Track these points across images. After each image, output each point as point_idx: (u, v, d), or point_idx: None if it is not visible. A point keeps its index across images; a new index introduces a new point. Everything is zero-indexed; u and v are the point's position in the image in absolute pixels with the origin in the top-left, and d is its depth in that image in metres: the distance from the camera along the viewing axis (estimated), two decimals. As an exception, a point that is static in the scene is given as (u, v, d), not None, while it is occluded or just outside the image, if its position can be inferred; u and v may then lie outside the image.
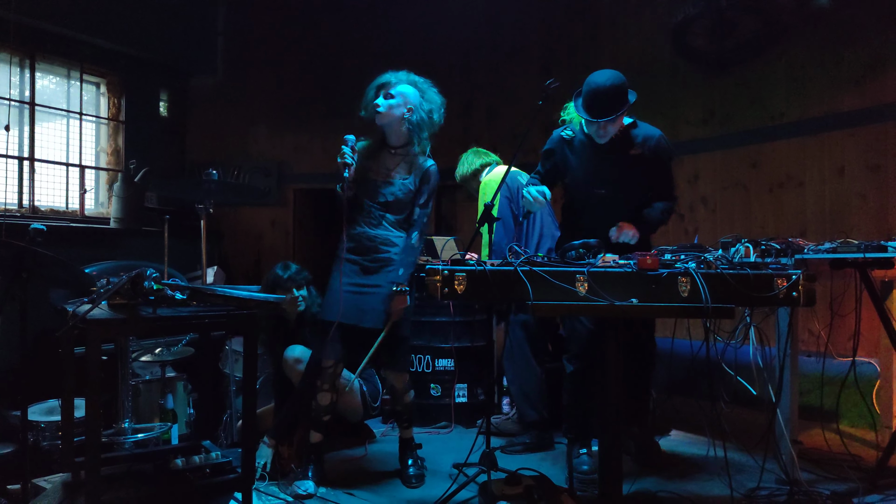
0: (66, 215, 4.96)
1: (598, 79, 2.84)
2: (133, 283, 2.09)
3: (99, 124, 5.29)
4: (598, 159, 3.03)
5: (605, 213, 2.99)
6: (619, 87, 2.83)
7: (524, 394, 3.67)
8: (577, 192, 3.12)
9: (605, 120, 2.85)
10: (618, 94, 2.82)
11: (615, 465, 2.36)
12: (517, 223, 3.73)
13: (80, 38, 4.91)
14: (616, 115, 2.85)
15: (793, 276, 2.30)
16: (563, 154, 3.13)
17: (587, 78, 2.89)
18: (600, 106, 2.82)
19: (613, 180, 3.03)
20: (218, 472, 2.31)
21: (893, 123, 4.02)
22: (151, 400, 3.27)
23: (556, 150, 3.15)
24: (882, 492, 2.77)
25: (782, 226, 4.46)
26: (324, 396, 2.98)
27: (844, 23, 4.23)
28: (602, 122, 2.86)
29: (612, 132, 2.96)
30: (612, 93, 2.81)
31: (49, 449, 2.91)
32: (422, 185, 3.01)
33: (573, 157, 3.10)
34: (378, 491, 2.96)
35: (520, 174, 3.86)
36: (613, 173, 3.03)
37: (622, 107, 2.84)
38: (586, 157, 3.05)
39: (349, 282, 2.94)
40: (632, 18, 5.41)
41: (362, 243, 2.97)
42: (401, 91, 2.99)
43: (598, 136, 2.96)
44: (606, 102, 2.81)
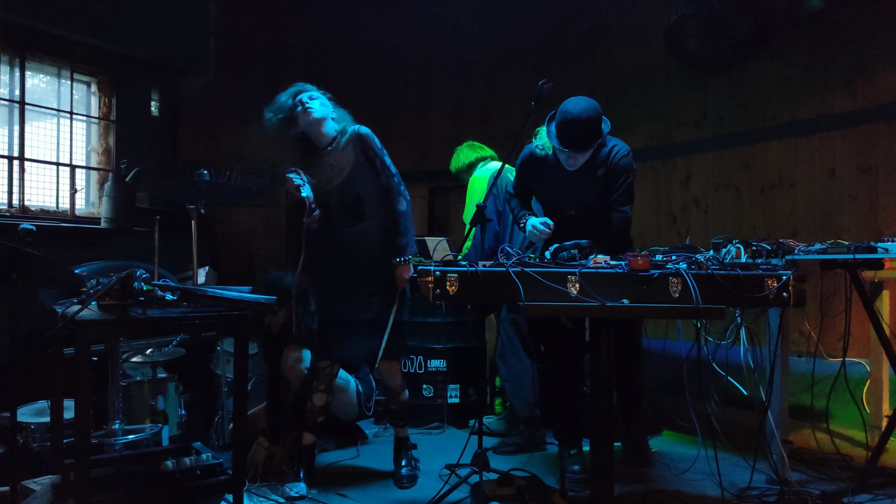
0: (56, 215, 4.93)
1: (574, 109, 2.80)
2: (123, 284, 2.08)
3: (90, 123, 5.26)
4: (568, 182, 3.01)
5: (576, 232, 2.89)
6: (595, 119, 2.81)
7: (517, 391, 3.68)
8: (549, 211, 3.13)
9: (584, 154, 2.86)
10: (593, 127, 2.81)
11: (606, 466, 2.36)
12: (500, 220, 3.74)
13: (71, 36, 4.88)
14: (590, 148, 2.85)
15: (783, 277, 2.32)
16: (534, 170, 3.11)
17: (562, 105, 2.86)
18: (575, 137, 2.80)
19: (582, 202, 3.03)
20: (208, 474, 2.30)
21: (884, 125, 4.05)
22: (142, 401, 3.26)
23: (529, 164, 3.13)
24: (871, 491, 2.79)
25: (773, 227, 4.48)
26: (319, 397, 2.97)
27: (835, 25, 4.25)
28: (573, 154, 2.86)
29: (581, 161, 2.93)
30: (587, 125, 2.79)
31: (39, 450, 2.89)
32: (365, 153, 2.91)
33: (544, 175, 3.08)
34: (370, 492, 2.95)
35: (508, 171, 3.86)
36: (583, 196, 3.03)
37: (596, 140, 2.84)
38: (557, 178, 3.03)
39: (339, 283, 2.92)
40: (625, 19, 5.42)
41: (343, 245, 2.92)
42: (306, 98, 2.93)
43: (569, 164, 2.94)
44: (581, 134, 2.80)
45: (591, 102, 2.82)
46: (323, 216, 2.90)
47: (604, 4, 5.56)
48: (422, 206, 6.43)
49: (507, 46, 6.14)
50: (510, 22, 6.10)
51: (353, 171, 2.92)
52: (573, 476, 3.00)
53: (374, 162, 2.93)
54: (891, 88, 4.03)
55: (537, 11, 5.99)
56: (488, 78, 6.20)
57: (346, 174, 2.92)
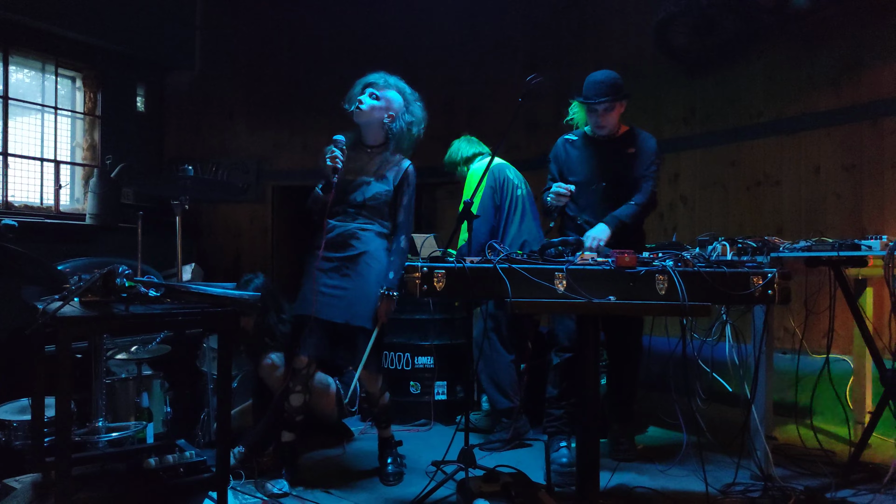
0: (40, 211, 4.88)
1: (597, 74, 3.16)
2: (105, 280, 2.06)
3: (75, 119, 5.21)
4: (599, 154, 3.25)
5: (605, 205, 3.16)
6: (616, 79, 3.13)
7: (494, 382, 3.68)
8: (578, 188, 3.20)
9: (603, 102, 3.09)
10: (614, 83, 3.11)
11: (592, 461, 2.37)
12: (497, 215, 3.73)
13: (56, 31, 4.83)
14: (612, 98, 3.09)
15: (768, 275, 2.33)
16: (565, 153, 3.34)
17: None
18: (599, 90, 3.10)
19: (612, 174, 3.22)
20: (192, 472, 2.28)
21: (868, 123, 4.08)
22: (127, 398, 3.23)
23: (559, 151, 3.36)
24: (854, 486, 2.81)
25: (759, 224, 4.51)
26: (296, 397, 2.96)
27: (821, 24, 4.28)
28: (600, 109, 3.12)
29: (611, 124, 3.20)
30: (608, 82, 3.11)
31: (21, 449, 2.86)
32: (402, 185, 3.02)
33: (575, 153, 3.31)
34: (356, 489, 2.95)
35: (507, 167, 3.86)
36: (612, 168, 3.22)
37: (618, 93, 3.11)
38: (587, 153, 3.28)
39: (328, 281, 2.90)
40: (615, 16, 5.43)
41: (337, 239, 2.93)
42: (387, 96, 3.02)
43: (597, 126, 3.20)
44: (603, 88, 3.10)
45: (610, 71, 3.17)
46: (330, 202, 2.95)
47: (593, 1, 5.56)
48: (411, 203, 6.42)
49: (496, 42, 6.13)
50: (499, 18, 6.10)
51: (378, 182, 2.98)
52: (560, 468, 3.00)
53: (401, 194, 3.03)
54: (875, 87, 4.06)
55: (527, 7, 5.99)
56: (477, 74, 6.19)
57: (370, 180, 2.99)
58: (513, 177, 3.81)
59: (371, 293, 2.88)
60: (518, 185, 3.79)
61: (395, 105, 3.02)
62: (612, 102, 3.12)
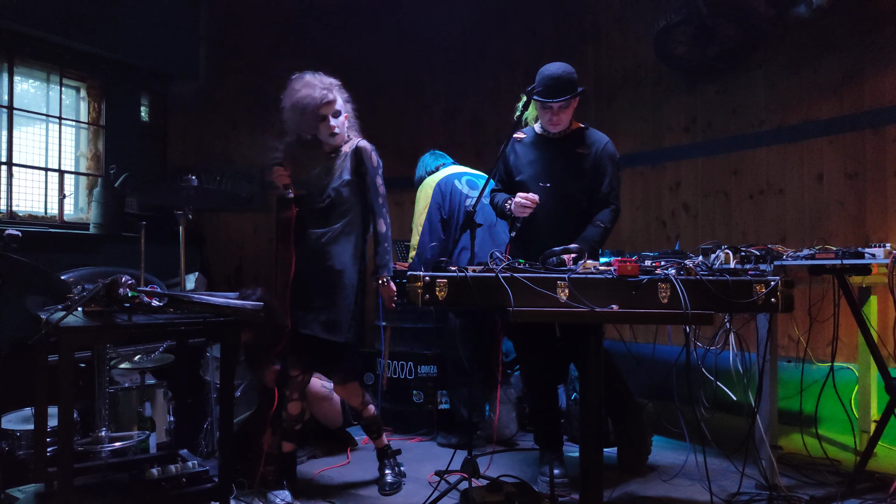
0: (44, 221, 4.89)
1: (552, 68, 3.03)
2: (108, 290, 2.06)
3: (79, 129, 5.23)
4: (547, 153, 3.12)
5: (551, 205, 3.03)
6: (572, 75, 3.02)
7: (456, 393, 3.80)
8: (525, 188, 3.12)
9: (560, 101, 2.97)
10: (571, 80, 3.00)
11: (596, 471, 2.36)
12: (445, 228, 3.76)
13: (60, 41, 4.86)
14: (570, 96, 2.98)
15: (771, 283, 2.32)
16: (513, 153, 3.20)
17: (540, 69, 3.04)
18: (555, 89, 2.97)
19: (560, 174, 3.09)
20: (194, 482, 2.28)
21: (871, 131, 4.08)
22: (130, 408, 3.23)
23: (508, 149, 3.22)
24: (860, 496, 2.80)
25: (762, 232, 4.50)
26: (293, 406, 2.95)
27: (822, 32, 4.28)
28: (556, 107, 2.98)
29: (565, 122, 3.08)
30: (566, 77, 2.99)
31: (24, 458, 2.86)
32: (359, 165, 2.94)
33: (524, 153, 3.18)
34: (359, 499, 2.94)
35: (458, 177, 3.87)
36: (560, 167, 3.10)
37: (574, 89, 2.99)
38: (536, 152, 3.15)
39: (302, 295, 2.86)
40: (616, 25, 5.45)
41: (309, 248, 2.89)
42: (341, 104, 2.96)
43: (551, 124, 3.07)
44: (560, 86, 2.97)
45: (565, 64, 3.04)
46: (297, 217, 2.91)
47: (594, 10, 5.58)
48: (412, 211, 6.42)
49: (499, 51, 6.15)
50: (501, 27, 6.12)
51: (338, 177, 2.92)
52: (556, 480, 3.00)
53: (363, 177, 2.95)
54: (877, 94, 4.06)
55: (528, 17, 6.01)
56: (479, 83, 6.20)
57: (330, 179, 2.93)
58: (462, 185, 3.82)
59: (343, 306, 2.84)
60: (467, 194, 3.80)
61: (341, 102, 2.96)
62: (569, 101, 3.00)
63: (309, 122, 2.90)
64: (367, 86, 6.24)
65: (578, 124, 3.17)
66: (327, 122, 2.89)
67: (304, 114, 2.87)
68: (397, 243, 4.59)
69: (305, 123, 2.90)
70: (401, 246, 4.55)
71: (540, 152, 3.13)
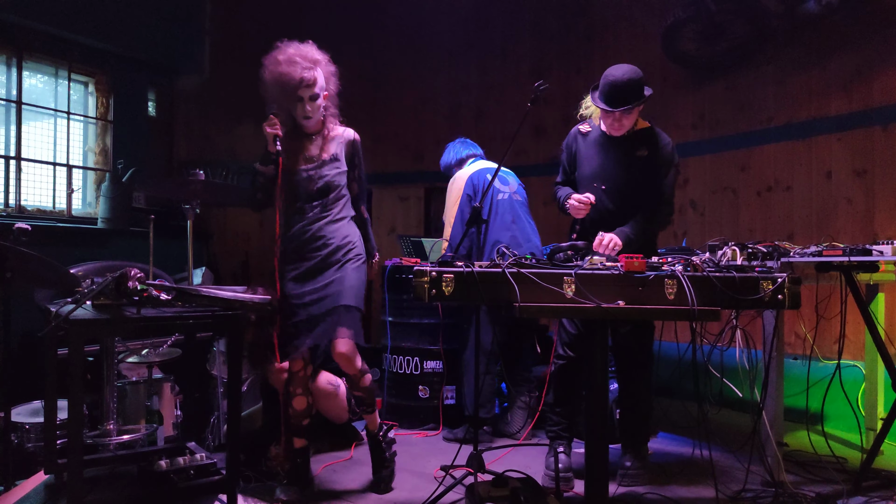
0: (53, 215, 4.92)
1: (616, 72, 2.92)
2: (117, 284, 2.07)
3: (87, 124, 5.25)
4: (606, 154, 3.06)
5: (608, 206, 3.02)
6: (637, 81, 2.90)
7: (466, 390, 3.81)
8: (582, 186, 3.11)
9: (621, 110, 2.89)
10: (635, 86, 2.89)
11: (601, 466, 2.36)
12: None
13: (69, 36, 4.88)
14: (632, 105, 2.90)
15: (778, 280, 2.31)
16: (576, 145, 3.17)
17: (605, 71, 2.95)
18: (617, 96, 2.88)
19: (615, 177, 3.04)
20: (202, 474, 2.29)
21: (880, 128, 4.06)
22: (138, 401, 3.25)
23: (571, 142, 3.19)
24: (866, 494, 2.79)
25: (770, 229, 4.49)
26: (299, 401, 2.93)
27: (832, 28, 4.26)
28: (618, 113, 2.91)
29: (628, 126, 3.01)
30: (629, 85, 2.88)
31: (33, 450, 2.88)
32: (353, 156, 2.96)
33: (585, 149, 3.13)
34: (364, 493, 2.95)
35: (490, 171, 3.87)
36: (617, 170, 3.04)
37: (638, 98, 2.90)
38: (596, 151, 3.10)
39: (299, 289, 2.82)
40: (623, 21, 5.43)
41: (300, 240, 2.85)
42: (321, 85, 2.82)
43: (614, 128, 3.01)
44: (623, 93, 2.88)
45: (634, 67, 2.93)
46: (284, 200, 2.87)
47: (602, 6, 5.57)
48: (418, 206, 6.44)
49: (503, 46, 6.14)
50: (506, 22, 6.11)
51: (329, 162, 2.90)
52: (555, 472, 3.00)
53: (354, 166, 2.97)
54: (886, 91, 4.04)
55: (534, 13, 6.00)
56: (483, 78, 6.20)
57: (321, 162, 2.90)
58: (495, 181, 3.82)
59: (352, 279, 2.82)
60: (500, 190, 3.80)
61: (323, 83, 2.84)
62: (633, 108, 2.92)
63: (286, 100, 2.83)
64: (371, 80, 6.26)
65: (645, 123, 3.09)
66: (303, 104, 2.81)
67: (282, 91, 2.80)
68: (403, 238, 4.60)
69: (282, 100, 2.83)
70: (407, 241, 4.55)
71: (601, 151, 3.08)
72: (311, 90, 2.80)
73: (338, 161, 2.91)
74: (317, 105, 2.84)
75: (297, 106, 2.83)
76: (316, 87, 2.80)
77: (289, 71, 2.75)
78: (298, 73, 2.75)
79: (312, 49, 2.86)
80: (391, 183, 6.39)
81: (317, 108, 2.85)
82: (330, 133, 2.94)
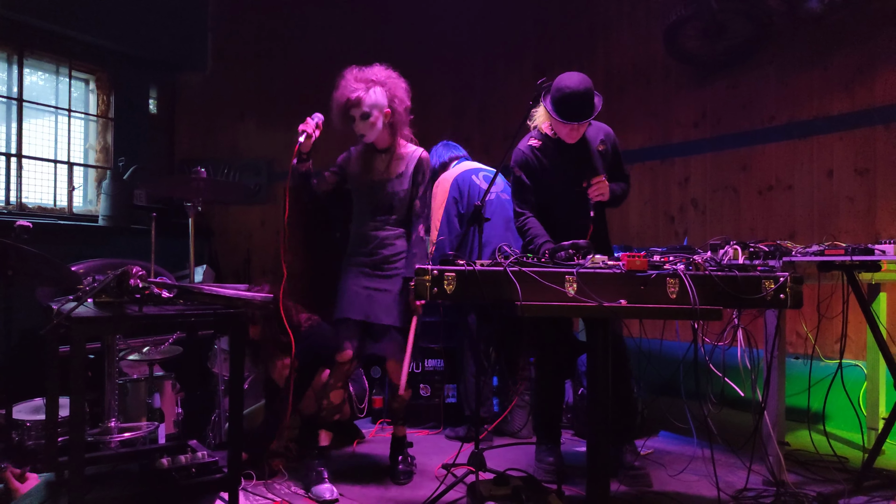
0: (53, 212, 4.92)
1: (570, 82, 2.89)
2: (119, 281, 2.07)
3: (88, 121, 5.25)
4: (573, 158, 3.08)
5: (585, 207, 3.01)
6: (591, 89, 2.90)
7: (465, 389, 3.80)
8: (554, 194, 3.11)
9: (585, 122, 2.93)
10: (590, 96, 2.90)
11: (602, 466, 2.36)
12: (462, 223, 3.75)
13: (70, 34, 4.87)
14: (593, 116, 2.93)
15: (780, 279, 2.31)
16: (537, 162, 3.12)
17: (556, 81, 2.92)
18: (577, 109, 2.88)
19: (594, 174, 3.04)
20: (204, 472, 2.29)
21: (882, 127, 4.05)
22: (139, 399, 3.25)
23: (530, 160, 3.13)
24: (868, 493, 2.79)
25: (771, 228, 4.49)
26: (336, 394, 2.98)
27: (834, 27, 4.25)
28: (576, 124, 2.92)
29: (583, 131, 3.05)
30: (586, 95, 2.88)
31: (34, 448, 2.88)
32: (416, 175, 3.02)
33: (548, 161, 3.10)
34: (366, 491, 2.95)
35: (475, 172, 3.86)
36: (591, 168, 3.07)
37: (595, 109, 2.92)
38: (561, 158, 3.09)
39: (358, 282, 2.96)
40: (626, 19, 5.43)
41: (367, 245, 2.99)
42: (372, 103, 2.92)
43: (571, 137, 3.02)
44: (582, 105, 2.88)
45: (582, 75, 2.92)
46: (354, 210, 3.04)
47: (604, 4, 5.56)
48: (420, 205, 6.43)
49: (507, 45, 6.14)
50: (510, 20, 6.10)
51: (396, 179, 2.99)
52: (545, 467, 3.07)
53: (418, 186, 3.02)
54: (889, 90, 4.03)
55: (536, 12, 5.99)
56: (487, 77, 6.20)
57: (389, 178, 3.00)
58: (479, 181, 3.82)
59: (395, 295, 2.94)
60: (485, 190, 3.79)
61: (383, 102, 2.95)
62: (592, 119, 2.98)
63: (342, 121, 2.96)
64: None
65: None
66: (355, 122, 2.93)
67: (336, 112, 2.95)
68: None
69: (339, 121, 2.97)
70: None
71: (567, 158, 3.09)
72: (360, 109, 2.89)
73: (404, 178, 2.99)
74: (370, 123, 2.92)
75: (353, 125, 2.94)
76: (364, 105, 2.89)
77: (340, 94, 2.93)
78: (346, 94, 2.90)
79: (374, 70, 3.01)
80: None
81: (370, 126, 2.93)
82: (399, 150, 3.03)
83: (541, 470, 3.06)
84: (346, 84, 2.94)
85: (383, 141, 3.03)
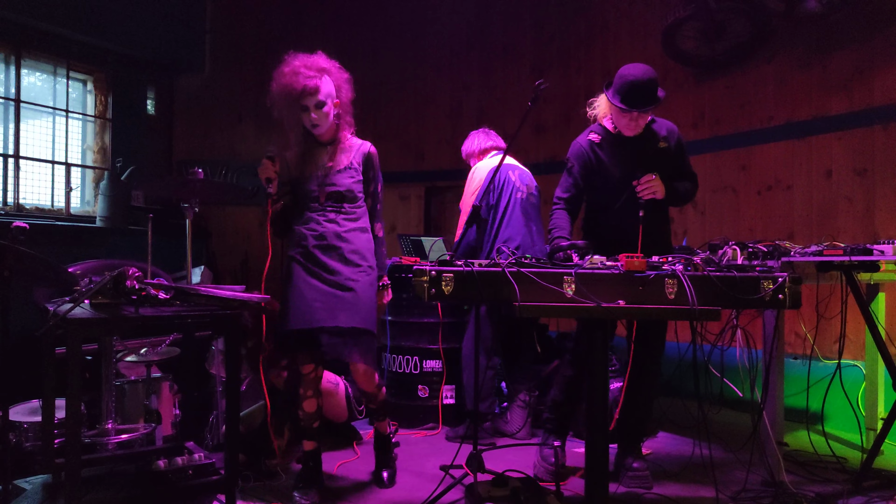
0: (51, 213, 4.91)
1: (636, 71, 2.88)
2: (115, 282, 2.06)
3: (85, 122, 5.25)
4: (632, 152, 3.03)
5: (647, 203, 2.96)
6: (655, 79, 2.89)
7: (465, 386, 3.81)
8: (609, 191, 3.05)
9: (644, 110, 2.89)
10: (654, 85, 2.88)
11: (602, 466, 2.35)
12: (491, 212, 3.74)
13: (68, 34, 4.87)
14: (654, 104, 2.89)
15: (779, 279, 2.31)
16: (594, 155, 3.07)
17: (620, 70, 2.92)
18: (639, 96, 2.86)
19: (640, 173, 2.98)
20: (200, 474, 2.29)
21: (880, 127, 4.05)
22: (136, 400, 3.24)
23: (587, 152, 3.08)
24: (866, 494, 2.79)
25: (770, 228, 4.48)
26: (309, 403, 2.90)
27: (832, 27, 4.25)
28: (636, 113, 2.90)
29: (643, 124, 3.00)
30: (649, 84, 2.86)
31: (31, 450, 2.87)
32: (368, 171, 2.91)
33: (607, 156, 3.06)
34: (363, 493, 2.94)
35: (512, 169, 3.85)
36: (646, 166, 3.00)
37: (657, 97, 2.89)
38: (620, 153, 3.05)
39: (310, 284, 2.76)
40: (623, 20, 5.43)
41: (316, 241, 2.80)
42: (327, 92, 2.80)
43: (630, 128, 2.99)
44: (645, 93, 2.86)
45: (646, 66, 2.90)
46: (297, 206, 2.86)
47: (602, 5, 5.56)
48: (418, 205, 6.43)
49: (504, 45, 6.13)
50: (507, 21, 6.10)
51: (344, 171, 2.87)
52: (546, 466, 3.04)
53: (370, 180, 2.93)
54: (887, 90, 4.03)
55: (534, 12, 5.99)
56: (485, 77, 6.19)
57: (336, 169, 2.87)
58: (515, 178, 3.81)
59: (370, 294, 2.81)
60: (519, 187, 3.79)
61: (332, 92, 2.81)
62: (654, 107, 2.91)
63: (292, 111, 2.81)
64: (373, 79, 6.25)
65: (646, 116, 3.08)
66: (308, 112, 2.79)
67: (287, 102, 2.78)
68: (403, 237, 4.59)
69: (289, 111, 2.82)
70: (407, 240, 4.54)
71: (626, 153, 3.03)
72: (315, 98, 2.75)
73: (352, 170, 2.87)
74: (324, 113, 2.81)
75: (304, 115, 2.81)
76: (320, 94, 2.76)
77: (292, 82, 2.73)
78: (301, 82, 2.72)
79: (319, 58, 2.84)
80: (391, 182, 6.36)
81: (324, 116, 2.81)
82: (344, 143, 2.91)
83: (542, 468, 3.05)
84: (295, 70, 2.74)
85: (328, 133, 2.88)
